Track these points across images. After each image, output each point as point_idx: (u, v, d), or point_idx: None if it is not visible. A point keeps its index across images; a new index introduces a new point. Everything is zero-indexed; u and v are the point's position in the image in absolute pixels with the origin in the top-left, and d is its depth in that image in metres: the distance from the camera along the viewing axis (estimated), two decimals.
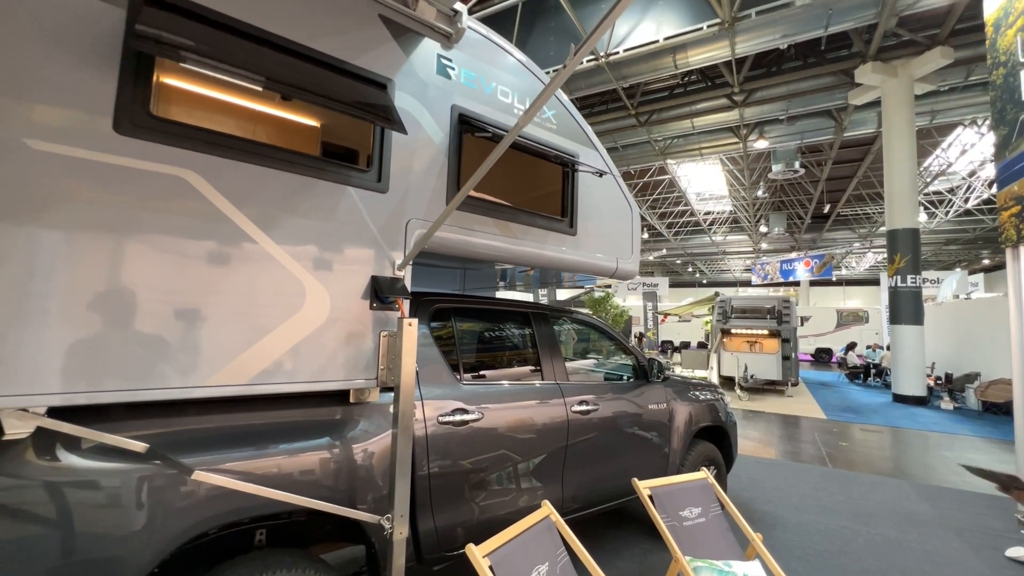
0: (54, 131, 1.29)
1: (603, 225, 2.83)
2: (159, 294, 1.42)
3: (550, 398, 2.67)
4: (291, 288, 1.66)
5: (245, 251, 1.57)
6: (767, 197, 20.41)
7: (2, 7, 1.24)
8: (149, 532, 1.40)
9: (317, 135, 3.03)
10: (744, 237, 26.12)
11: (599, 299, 15.85)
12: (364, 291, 1.85)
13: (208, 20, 1.50)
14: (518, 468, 2.47)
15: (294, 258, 1.68)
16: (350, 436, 1.89)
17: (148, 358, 1.40)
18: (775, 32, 9.70)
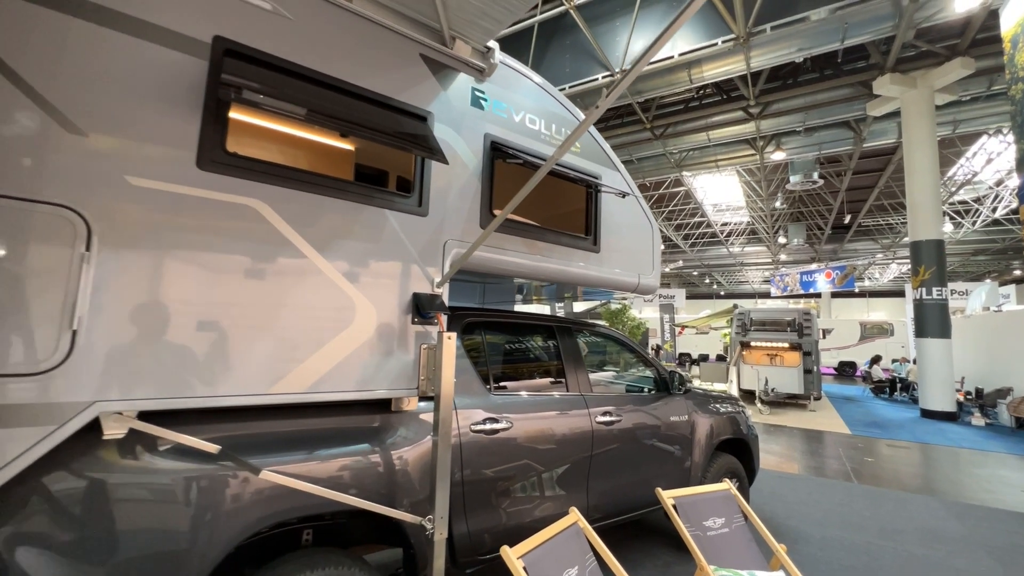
0: (149, 168, 1.48)
1: (625, 242, 2.95)
2: (232, 310, 1.59)
3: (575, 409, 2.77)
4: (343, 304, 1.82)
5: (304, 271, 1.74)
6: (785, 208, 20.23)
7: (106, 61, 1.44)
8: (220, 526, 1.55)
9: (351, 157, 3.24)
10: (762, 248, 25.83)
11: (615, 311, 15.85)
12: (406, 307, 2.00)
13: (277, 67, 1.70)
14: (545, 476, 2.57)
15: (346, 277, 1.84)
16: (391, 442, 2.02)
17: (222, 368, 1.56)
18: (791, 46, 9.78)
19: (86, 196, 1.38)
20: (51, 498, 1.34)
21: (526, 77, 2.56)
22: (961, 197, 17.67)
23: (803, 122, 12.84)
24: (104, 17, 1.43)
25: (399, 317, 1.97)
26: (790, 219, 22.07)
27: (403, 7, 1.99)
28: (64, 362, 1.32)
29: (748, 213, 21.32)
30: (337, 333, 1.80)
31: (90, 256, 1.37)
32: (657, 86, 11.35)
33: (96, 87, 1.42)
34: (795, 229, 21.75)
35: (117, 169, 1.43)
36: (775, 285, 23.90)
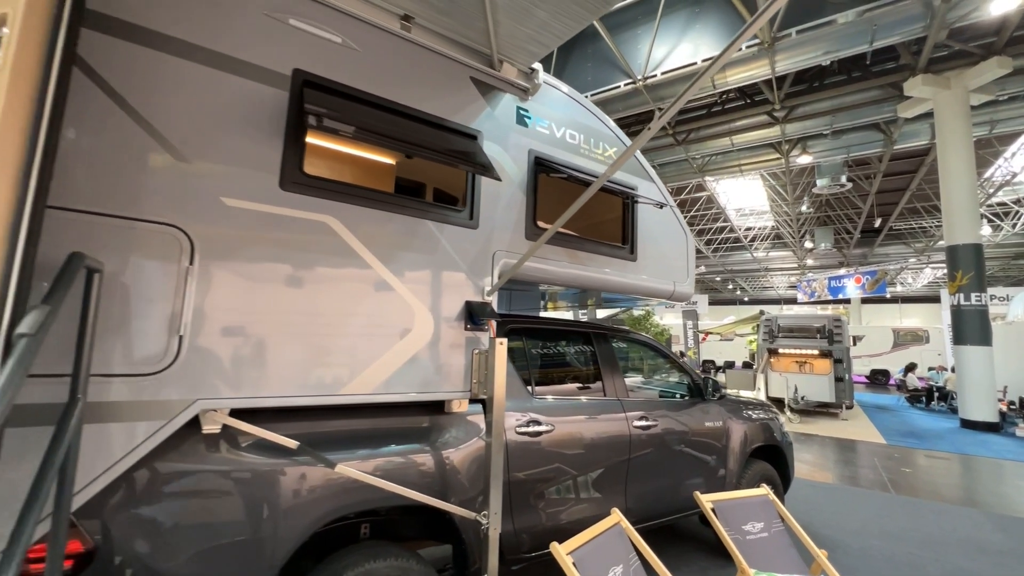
0: (240, 190, 1.65)
1: (660, 251, 3.03)
2: (310, 317, 1.75)
3: (613, 413, 2.85)
4: (404, 312, 1.96)
5: (371, 281, 1.89)
6: (812, 212, 19.81)
7: (204, 95, 1.61)
8: (299, 515, 1.69)
9: (392, 171, 3.42)
10: (788, 253, 25.29)
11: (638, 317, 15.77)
12: (459, 314, 2.13)
13: (347, 95, 1.86)
14: (584, 478, 2.65)
15: (406, 286, 1.98)
16: (444, 442, 2.15)
17: (301, 370, 1.71)
18: (817, 49, 9.68)
19: (190, 216, 1.55)
20: (157, 485, 1.50)
21: (565, 94, 2.68)
22: (1000, 199, 17.02)
23: (830, 125, 12.63)
24: (201, 55, 1.61)
25: (453, 324, 2.10)
26: (817, 223, 21.57)
27: (457, 35, 2.13)
28: (173, 364, 1.49)
29: (772, 217, 20.95)
30: (399, 339, 1.94)
31: (193, 269, 1.54)
32: (679, 91, 11.33)
33: (196, 118, 1.59)
34: (822, 233, 21.24)
35: (215, 191, 1.60)
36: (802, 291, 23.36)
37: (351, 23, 1.92)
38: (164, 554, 1.48)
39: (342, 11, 1.89)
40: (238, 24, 1.68)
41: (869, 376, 20.61)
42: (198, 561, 1.53)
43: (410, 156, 1.99)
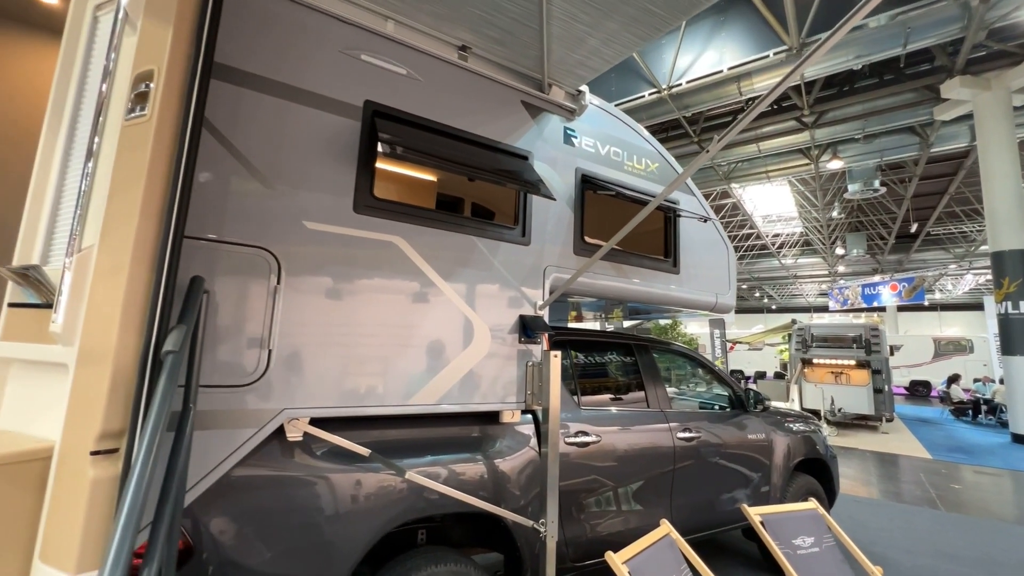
0: (319, 213, 1.78)
1: (702, 263, 3.06)
2: (380, 332, 1.86)
3: (657, 425, 2.88)
4: (465, 326, 2.06)
5: (434, 297, 2.00)
6: (843, 217, 19.29)
7: (287, 127, 1.76)
8: (371, 519, 1.78)
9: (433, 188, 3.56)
10: (818, 260, 24.61)
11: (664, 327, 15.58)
12: (513, 327, 2.22)
13: (412, 123, 1.99)
14: (630, 489, 2.68)
15: (465, 301, 2.08)
16: (498, 451, 2.22)
17: (374, 381, 1.82)
18: (848, 54, 9.53)
19: (276, 239, 1.69)
20: (246, 489, 1.62)
21: (610, 114, 2.76)
22: None
23: (862, 129, 12.34)
24: (286, 92, 1.76)
25: (508, 337, 2.19)
26: (848, 229, 20.97)
27: (510, 62, 2.25)
28: (263, 376, 1.62)
29: (801, 223, 20.48)
30: (460, 352, 2.04)
31: (280, 288, 1.67)
32: (705, 100, 11.30)
33: (282, 150, 1.74)
34: (854, 239, 20.62)
35: (297, 215, 1.74)
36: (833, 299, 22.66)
37: (414, 56, 2.05)
38: (250, 553, 1.59)
39: (408, 45, 2.02)
40: (317, 62, 1.83)
41: (908, 387, 19.76)
42: (280, 560, 1.64)
43: (472, 179, 2.10)
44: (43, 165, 1.32)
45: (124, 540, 0.72)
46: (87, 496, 0.96)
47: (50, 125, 1.34)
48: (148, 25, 1.18)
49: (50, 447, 1.04)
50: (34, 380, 1.22)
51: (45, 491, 1.03)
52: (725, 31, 10.04)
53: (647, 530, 2.74)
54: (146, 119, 1.12)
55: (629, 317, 4.99)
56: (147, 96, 1.14)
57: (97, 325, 1.05)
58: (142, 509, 0.78)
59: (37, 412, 1.18)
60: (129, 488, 0.79)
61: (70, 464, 1.00)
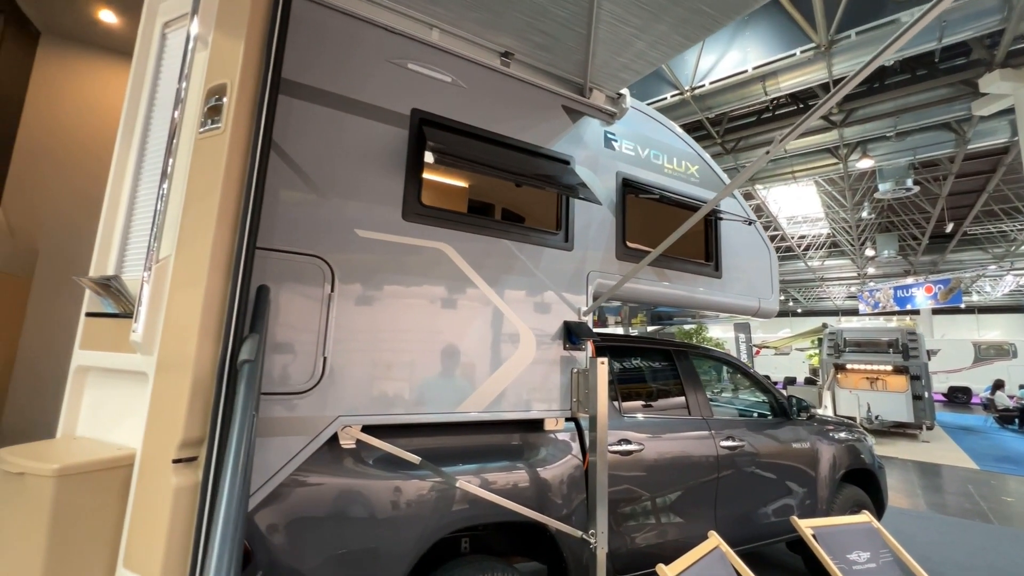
0: (370, 221, 1.80)
1: (744, 267, 2.98)
2: (431, 339, 1.86)
3: (700, 433, 2.80)
4: (511, 333, 2.04)
5: (481, 304, 1.99)
6: (873, 218, 18.68)
7: (339, 137, 1.77)
8: (420, 527, 1.77)
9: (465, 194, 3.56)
10: (846, 261, 23.88)
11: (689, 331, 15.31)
12: (558, 334, 2.19)
13: (458, 130, 1.99)
14: (674, 499, 2.61)
15: (511, 308, 2.06)
16: (542, 459, 2.19)
17: (425, 389, 1.82)
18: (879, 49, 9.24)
19: (330, 247, 1.71)
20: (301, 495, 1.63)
21: (649, 116, 2.73)
22: None
23: (894, 127, 11.97)
24: (337, 102, 1.78)
25: (553, 344, 2.16)
26: (878, 229, 20.30)
27: (552, 67, 2.24)
28: (319, 383, 1.63)
29: (828, 224, 19.90)
30: (507, 359, 2.02)
31: (334, 296, 1.69)
32: (728, 101, 11.11)
33: (333, 159, 1.76)
34: (884, 240, 19.93)
35: (349, 224, 1.75)
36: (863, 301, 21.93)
37: (459, 63, 2.06)
38: (305, 561, 1.59)
39: (452, 53, 2.03)
40: (366, 72, 1.85)
41: (947, 394, 18.94)
42: (334, 568, 1.63)
43: (519, 185, 2.09)
44: (116, 178, 1.36)
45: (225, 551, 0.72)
46: (170, 504, 0.97)
47: (123, 139, 1.38)
48: (220, 40, 1.20)
49: (131, 455, 1.06)
50: (111, 388, 1.25)
51: (126, 498, 1.05)
52: (749, 30, 9.87)
53: (691, 542, 2.66)
54: (220, 131, 1.14)
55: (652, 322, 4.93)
56: (220, 109, 1.16)
57: (176, 334, 1.07)
58: (239, 520, 0.78)
59: (114, 419, 1.21)
60: (222, 497, 0.80)
61: (152, 472, 1.02)
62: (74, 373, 1.25)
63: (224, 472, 0.86)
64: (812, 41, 9.18)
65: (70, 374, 1.25)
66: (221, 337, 1.07)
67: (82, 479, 0.98)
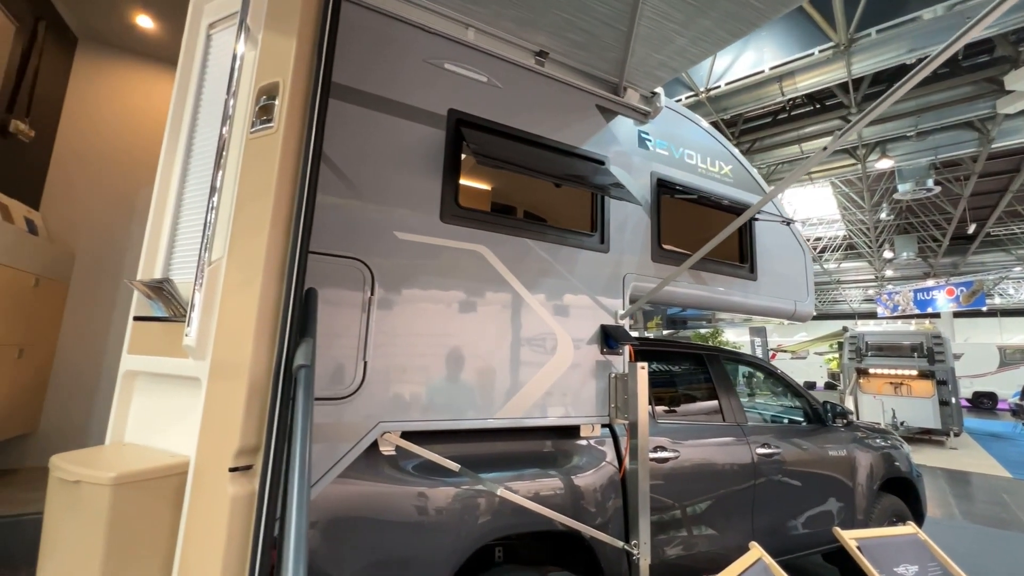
0: (409, 223, 1.76)
1: (779, 269, 2.91)
2: (469, 343, 1.82)
3: (735, 439, 2.72)
4: (548, 337, 2.00)
5: (518, 307, 1.94)
6: (891, 219, 18.32)
7: (379, 139, 1.75)
8: (461, 535, 1.72)
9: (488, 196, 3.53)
10: (863, 264, 23.45)
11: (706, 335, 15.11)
12: (595, 338, 2.14)
13: (493, 130, 1.96)
14: (711, 508, 2.53)
15: (548, 311, 2.02)
16: (578, 466, 2.13)
17: (464, 394, 1.78)
18: (900, 48, 9.09)
19: (369, 249, 1.68)
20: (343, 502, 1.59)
21: (682, 115, 2.68)
22: None
23: (914, 126, 11.73)
24: (374, 102, 1.76)
25: (590, 348, 2.11)
26: (897, 231, 19.91)
27: (587, 65, 2.20)
28: (360, 388, 1.59)
29: (845, 226, 19.56)
30: (545, 363, 1.97)
31: (373, 299, 1.66)
32: (744, 102, 10.98)
33: (370, 159, 1.73)
34: (903, 242, 19.54)
35: (388, 226, 1.73)
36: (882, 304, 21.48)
37: (494, 63, 2.03)
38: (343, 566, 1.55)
39: (488, 52, 2.00)
40: (404, 72, 1.83)
41: (971, 399, 18.44)
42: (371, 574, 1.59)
43: (559, 185, 2.06)
44: (163, 180, 1.35)
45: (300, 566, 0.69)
46: (227, 514, 0.94)
47: (169, 141, 1.36)
48: (270, 39, 1.18)
49: (184, 462, 1.04)
50: (160, 393, 1.22)
51: (180, 506, 1.02)
52: (766, 29, 9.74)
53: (728, 552, 2.58)
54: (273, 131, 1.12)
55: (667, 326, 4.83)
56: (271, 109, 1.14)
57: (231, 339, 1.04)
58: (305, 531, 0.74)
59: (164, 425, 1.19)
60: (291, 509, 0.76)
61: (207, 480, 0.99)
62: (123, 378, 1.23)
63: (291, 482, 0.82)
64: (831, 40, 9.05)
65: (119, 379, 1.23)
66: (276, 341, 1.04)
67: (138, 487, 0.96)
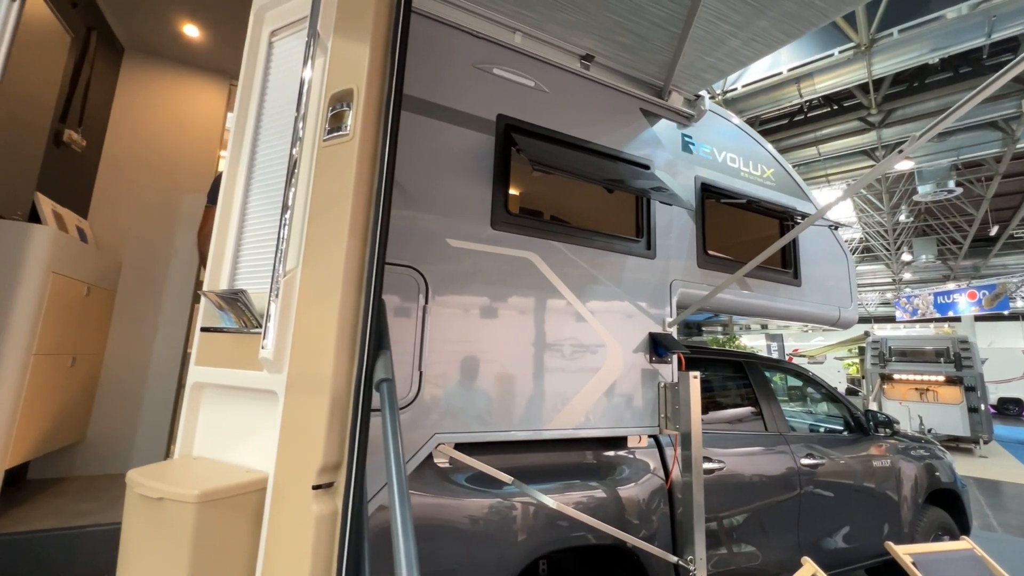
0: (461, 231, 1.74)
1: (822, 274, 2.84)
2: (519, 352, 1.78)
3: (779, 449, 2.65)
4: (598, 346, 1.95)
5: (568, 314, 1.90)
6: (911, 221, 18.00)
7: (433, 146, 1.73)
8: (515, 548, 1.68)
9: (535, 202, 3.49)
10: (879, 267, 23.05)
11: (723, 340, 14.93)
12: (641, 346, 2.09)
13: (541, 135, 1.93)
14: (757, 521, 2.46)
15: (597, 319, 1.97)
16: (625, 477, 2.08)
17: (517, 405, 1.74)
18: (922, 47, 8.94)
19: (423, 257, 1.65)
20: None
21: (723, 118, 2.63)
22: None
23: None
24: (426, 108, 1.74)
25: (638, 356, 2.06)
26: (915, 233, 19.54)
27: (632, 69, 2.17)
28: (416, 398, 1.56)
29: (861, 229, 19.26)
30: (594, 373, 1.93)
31: (427, 308, 1.63)
32: (761, 104, 10.87)
33: (423, 165, 1.71)
34: (922, 244, 19.16)
35: (441, 233, 1.70)
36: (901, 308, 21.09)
37: (541, 67, 2.01)
38: None
39: (535, 57, 1.98)
40: (454, 77, 1.81)
41: (996, 405, 17.98)
42: None
43: (611, 191, 2.02)
44: (227, 189, 1.33)
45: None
46: (312, 533, 0.91)
47: (233, 150, 1.35)
48: (342, 45, 1.16)
49: (263, 478, 1.01)
50: (229, 405, 1.20)
51: (258, 523, 0.99)
52: None
53: (776, 566, 2.51)
54: (348, 139, 1.10)
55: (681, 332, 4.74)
56: (344, 116, 1.11)
57: (310, 351, 1.01)
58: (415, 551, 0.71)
59: (233, 438, 1.16)
60: (398, 530, 0.73)
61: (288, 497, 0.96)
62: (191, 390, 1.21)
63: (392, 501, 0.79)
64: (851, 41, 8.93)
65: (187, 390, 1.21)
66: (356, 354, 1.01)
67: (220, 505, 0.93)
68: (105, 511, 1.67)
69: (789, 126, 12.96)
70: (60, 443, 1.84)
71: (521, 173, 1.97)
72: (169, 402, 2.37)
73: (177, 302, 2.44)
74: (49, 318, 1.60)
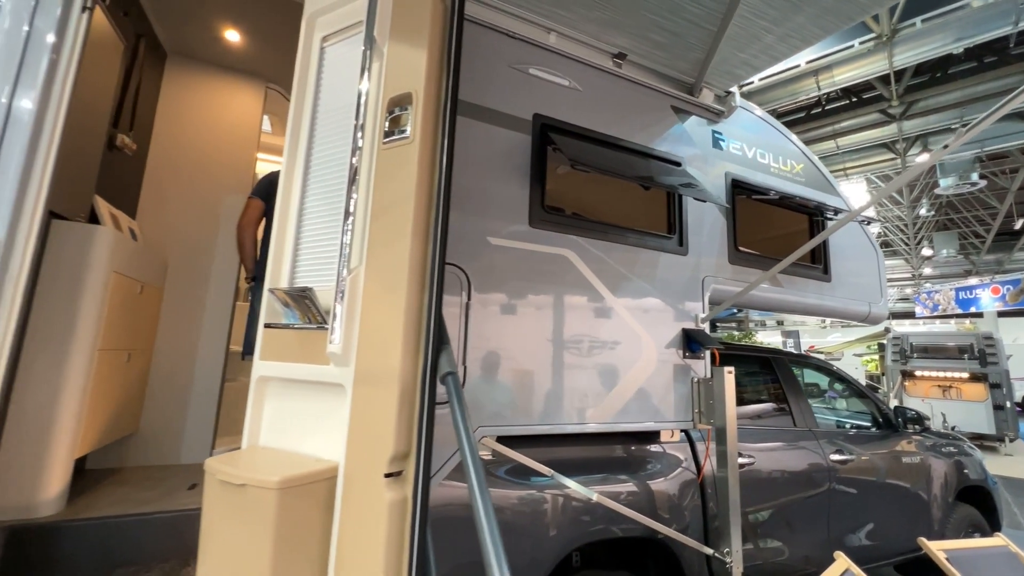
0: (501, 229, 1.77)
1: (852, 270, 2.82)
2: (557, 347, 1.81)
3: (809, 445, 2.65)
4: (633, 341, 1.98)
5: (604, 310, 1.93)
6: (931, 215, 17.64)
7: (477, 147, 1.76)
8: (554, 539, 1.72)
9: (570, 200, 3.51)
10: (898, 262, 22.61)
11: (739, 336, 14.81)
12: (676, 342, 2.11)
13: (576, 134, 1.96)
14: (789, 515, 2.47)
15: (632, 315, 2.00)
16: (658, 471, 2.11)
17: (556, 399, 1.78)
18: (946, 37, 8.74)
19: (466, 255, 1.69)
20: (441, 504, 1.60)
21: (752, 113, 2.62)
22: None
23: (959, 118, 11.24)
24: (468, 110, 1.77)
25: (672, 352, 2.08)
26: (936, 227, 19.14)
27: (663, 66, 2.18)
28: None
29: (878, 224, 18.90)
30: (630, 368, 1.96)
31: (470, 304, 1.67)
32: (778, 96, 10.73)
33: (464, 165, 1.74)
34: (943, 239, 18.77)
35: (483, 231, 1.74)
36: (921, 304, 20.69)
37: (574, 66, 2.03)
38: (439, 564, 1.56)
39: (569, 56, 2.00)
40: (492, 78, 1.84)
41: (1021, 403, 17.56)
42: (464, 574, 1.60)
43: (647, 188, 2.04)
44: (284, 192, 1.38)
45: None
46: (385, 519, 0.96)
47: (289, 154, 1.40)
48: (399, 50, 1.20)
49: (333, 467, 1.06)
50: (292, 397, 1.26)
51: (330, 510, 1.04)
52: None
53: (802, 561, 2.51)
54: (408, 141, 1.14)
55: None
56: (403, 119, 1.15)
57: (377, 346, 1.06)
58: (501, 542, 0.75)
59: (298, 429, 1.22)
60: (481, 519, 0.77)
61: (360, 485, 1.01)
62: (256, 383, 1.27)
63: (472, 491, 0.83)
64: (872, 31, 8.76)
65: (252, 384, 1.27)
66: (421, 348, 1.05)
67: (298, 491, 0.98)
68: (164, 499, 1.75)
69: (806, 119, 12.76)
70: (118, 434, 1.92)
71: (554, 171, 2.00)
72: (214, 395, 2.46)
73: (219, 298, 2.52)
74: (111, 315, 1.68)
